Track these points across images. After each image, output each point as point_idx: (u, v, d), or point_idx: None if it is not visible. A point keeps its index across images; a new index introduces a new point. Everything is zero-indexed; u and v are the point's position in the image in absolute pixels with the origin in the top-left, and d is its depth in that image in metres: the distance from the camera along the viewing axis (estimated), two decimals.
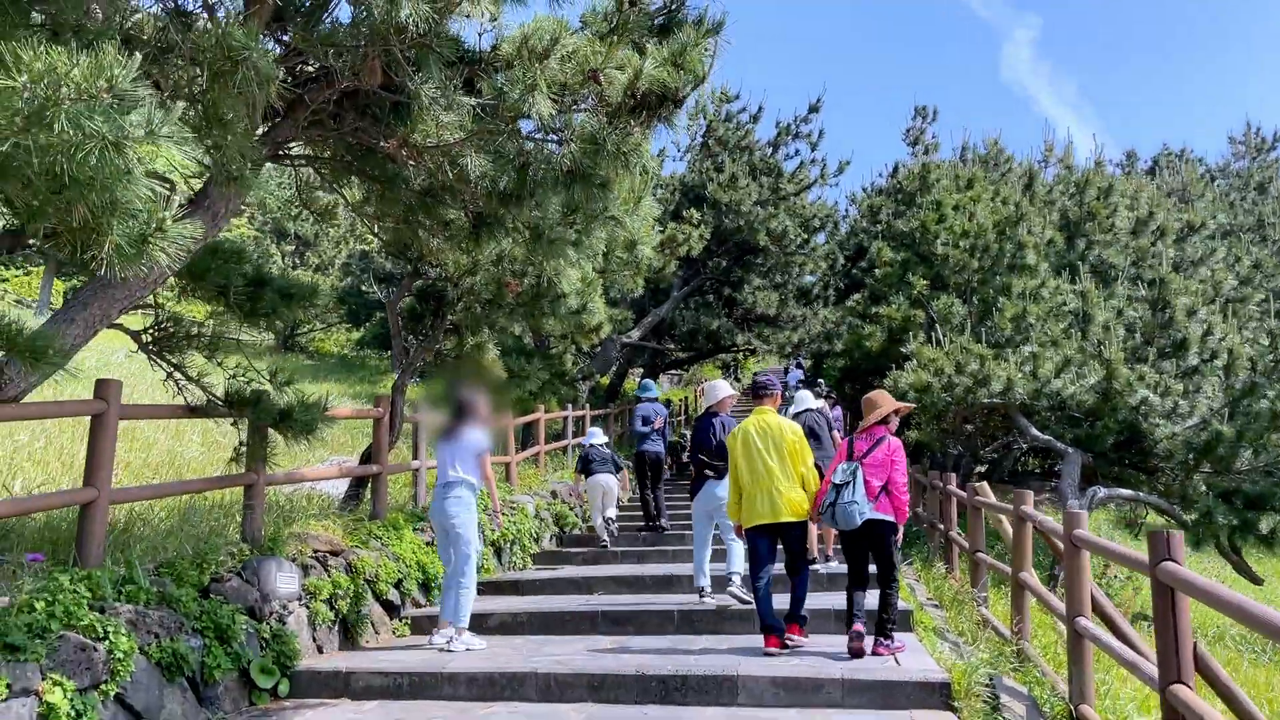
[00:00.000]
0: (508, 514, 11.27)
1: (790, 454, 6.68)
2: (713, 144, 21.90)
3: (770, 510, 6.60)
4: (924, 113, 22.38)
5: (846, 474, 6.40)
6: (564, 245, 5.84)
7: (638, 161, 4.90)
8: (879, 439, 6.52)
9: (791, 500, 6.58)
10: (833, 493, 6.38)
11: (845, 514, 6.28)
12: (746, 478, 6.72)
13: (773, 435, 6.72)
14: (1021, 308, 13.77)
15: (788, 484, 6.61)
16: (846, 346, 17.53)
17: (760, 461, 6.66)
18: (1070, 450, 11.38)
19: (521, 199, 5.29)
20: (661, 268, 17.90)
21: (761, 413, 6.95)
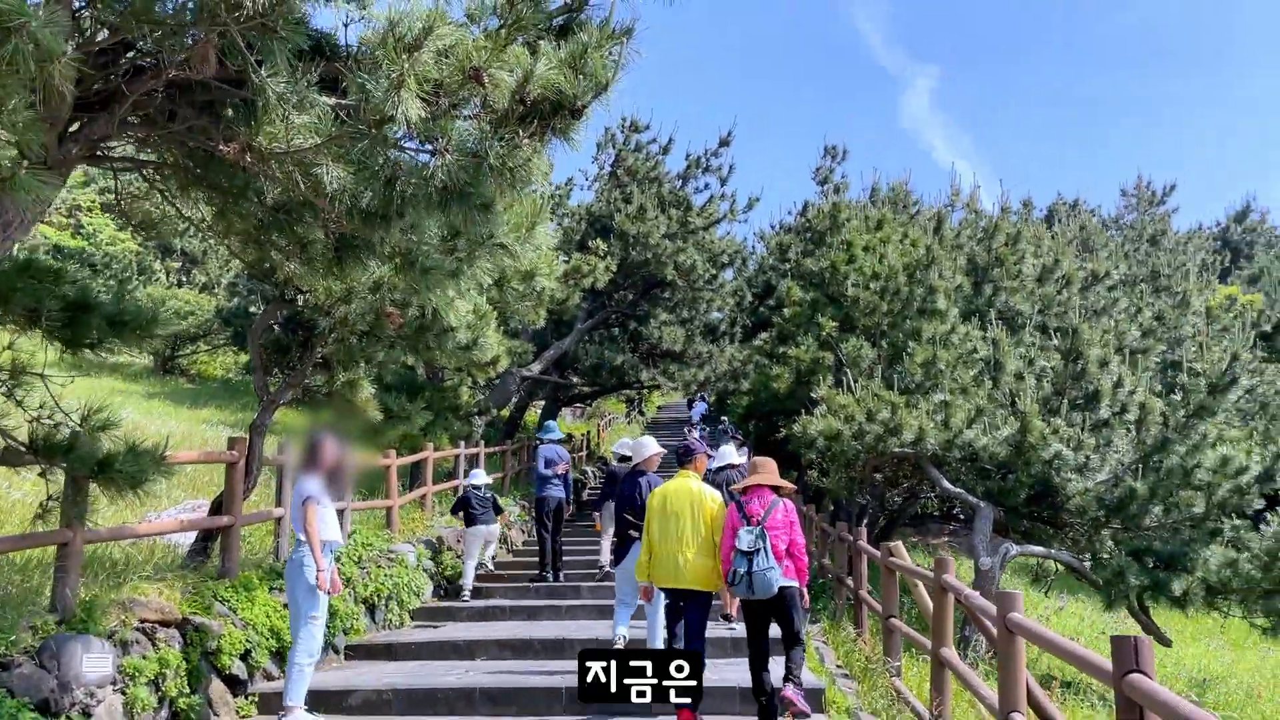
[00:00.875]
0: (384, 566, 10.25)
1: (707, 522, 6.60)
2: (621, 174, 21.29)
3: (674, 575, 6.56)
4: (833, 152, 22.22)
5: (754, 540, 6.19)
6: (442, 276, 5.01)
7: (526, 181, 4.12)
8: (772, 501, 6.39)
9: (698, 567, 6.50)
10: (743, 560, 6.15)
11: (764, 582, 6.09)
12: (658, 538, 6.65)
13: (692, 500, 6.66)
14: (932, 353, 13.39)
15: (696, 551, 6.53)
16: (753, 386, 17.00)
17: (674, 525, 6.59)
18: (982, 504, 10.94)
19: (389, 219, 4.45)
20: (565, 299, 17.12)
21: (685, 476, 6.88)
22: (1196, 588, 10.13)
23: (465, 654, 9.00)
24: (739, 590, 6.22)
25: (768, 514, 6.29)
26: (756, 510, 6.33)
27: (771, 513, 6.31)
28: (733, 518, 6.38)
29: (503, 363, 14.92)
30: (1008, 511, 11.26)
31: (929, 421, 11.22)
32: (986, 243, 16.23)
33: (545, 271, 8.86)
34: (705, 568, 6.51)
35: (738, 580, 6.13)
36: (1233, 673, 12.52)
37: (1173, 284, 22.18)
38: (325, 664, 8.53)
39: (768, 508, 6.33)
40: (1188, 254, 27.14)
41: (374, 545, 10.42)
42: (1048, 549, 11.25)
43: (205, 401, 24.39)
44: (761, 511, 6.31)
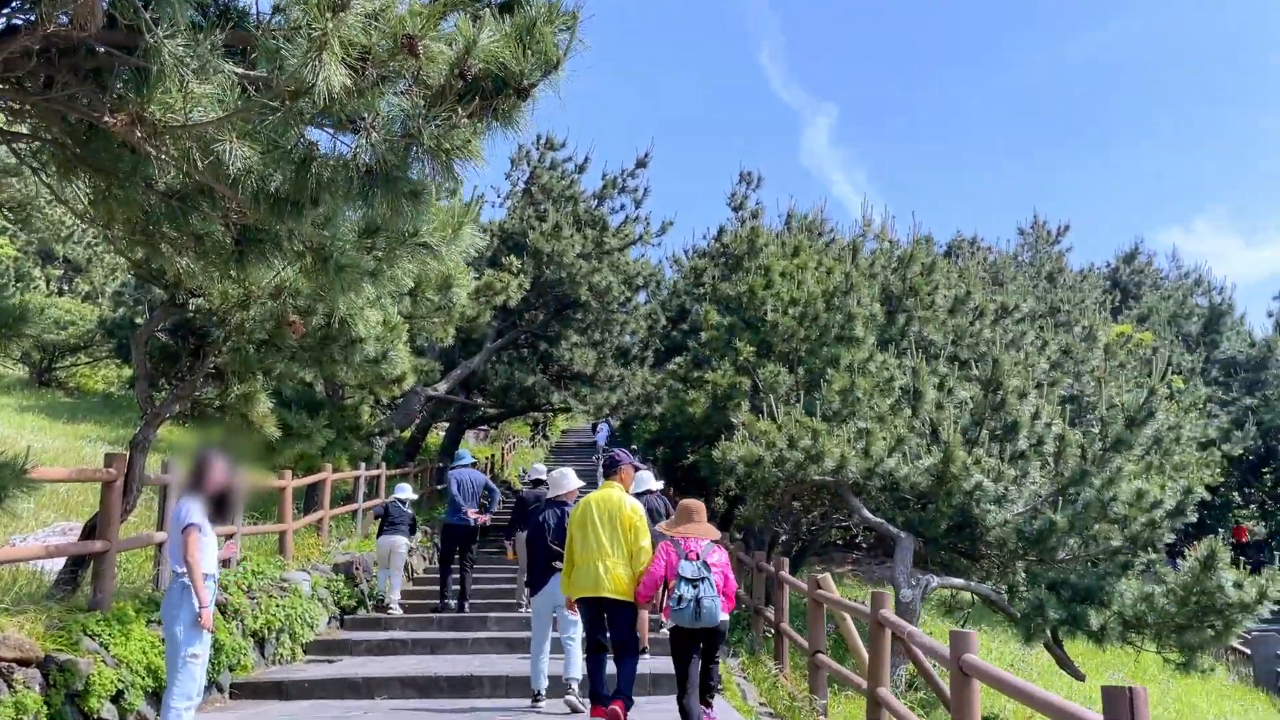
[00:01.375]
0: (276, 595, 9.49)
1: (625, 530, 6.60)
2: (536, 191, 20.83)
3: (594, 584, 6.50)
4: (748, 178, 22.16)
5: (698, 569, 6.23)
6: (358, 275, 4.49)
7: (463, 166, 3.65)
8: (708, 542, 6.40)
9: (618, 577, 6.50)
10: (689, 588, 6.16)
11: (710, 611, 6.14)
12: (579, 549, 6.63)
13: (611, 509, 6.66)
14: (850, 381, 13.25)
15: (616, 560, 6.53)
16: (667, 411, 16.66)
17: (593, 534, 6.59)
18: (903, 535, 10.76)
19: (301, 207, 3.92)
20: (476, 316, 16.53)
21: (608, 487, 6.89)
22: (1113, 621, 10.10)
23: (363, 693, 8.34)
24: (683, 617, 6.16)
25: (706, 552, 6.33)
26: (696, 548, 6.33)
27: (710, 552, 6.36)
28: (668, 552, 6.33)
29: (409, 381, 14.26)
30: (927, 543, 11.11)
31: (850, 449, 11.02)
32: (901, 272, 16.27)
33: (461, 281, 8.34)
34: (626, 577, 6.50)
35: (684, 606, 6.12)
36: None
37: (1071, 319, 22.71)
38: (208, 705, 7.78)
39: (705, 547, 6.36)
40: (1084, 291, 27.96)
41: (265, 573, 9.66)
42: (966, 581, 11.13)
43: (84, 416, 22.97)
44: (700, 549, 6.33)
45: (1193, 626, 10.19)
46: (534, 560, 7.76)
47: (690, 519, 6.55)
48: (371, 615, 11.84)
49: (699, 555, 6.27)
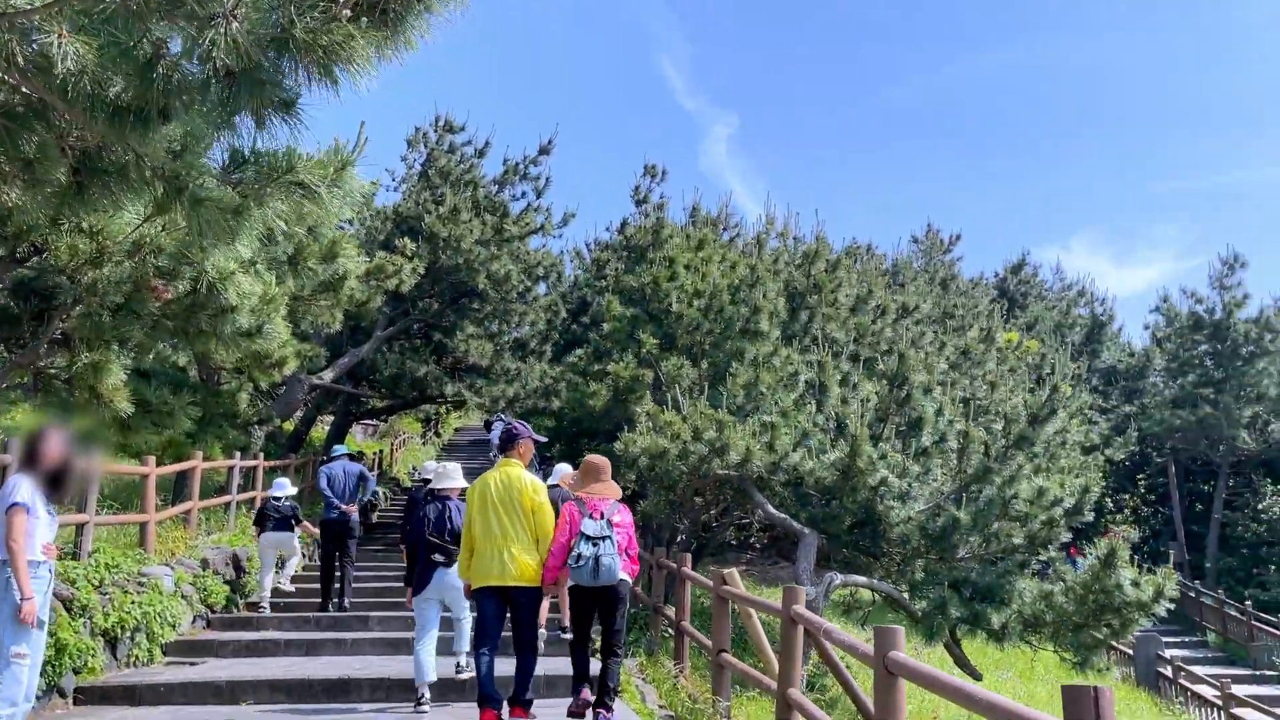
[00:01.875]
0: (133, 592, 8.61)
1: (529, 513, 6.23)
2: (433, 175, 20.01)
3: (499, 572, 6.12)
4: (653, 171, 21.77)
5: (601, 528, 6.10)
6: (220, 214, 3.84)
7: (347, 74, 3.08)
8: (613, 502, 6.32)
9: (524, 564, 6.14)
10: (589, 545, 6.02)
11: (609, 568, 6.00)
12: (479, 534, 6.22)
13: (514, 491, 6.25)
14: (754, 374, 12.98)
15: (521, 546, 6.16)
16: (567, 405, 16.12)
17: (495, 518, 6.18)
18: (807, 531, 10.48)
19: (148, 120, 3.30)
20: (366, 301, 15.68)
21: (507, 465, 6.43)
22: (1014, 621, 10.01)
23: (227, 697, 7.57)
24: (582, 575, 6.02)
25: (610, 512, 6.22)
26: (600, 507, 6.22)
27: (614, 511, 6.24)
28: (572, 514, 6.18)
29: (290, 365, 13.39)
30: (830, 539, 10.86)
31: (755, 443, 10.69)
32: (806, 268, 16.11)
33: (348, 252, 7.67)
34: (531, 562, 6.17)
35: (582, 564, 5.97)
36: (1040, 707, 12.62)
37: (965, 324, 23.03)
38: (47, 710, 6.93)
39: (610, 506, 6.26)
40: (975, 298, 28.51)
41: (121, 567, 8.76)
42: (870, 579, 10.92)
43: None
44: (605, 509, 6.21)
45: (1089, 625, 10.19)
46: (415, 557, 7.45)
47: (597, 477, 6.41)
48: (242, 614, 10.98)
49: (603, 515, 6.16)
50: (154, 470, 10.21)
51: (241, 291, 6.66)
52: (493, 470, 6.44)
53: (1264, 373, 26.98)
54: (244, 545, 12.43)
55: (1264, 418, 27.31)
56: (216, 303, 6.85)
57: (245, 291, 6.71)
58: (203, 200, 3.71)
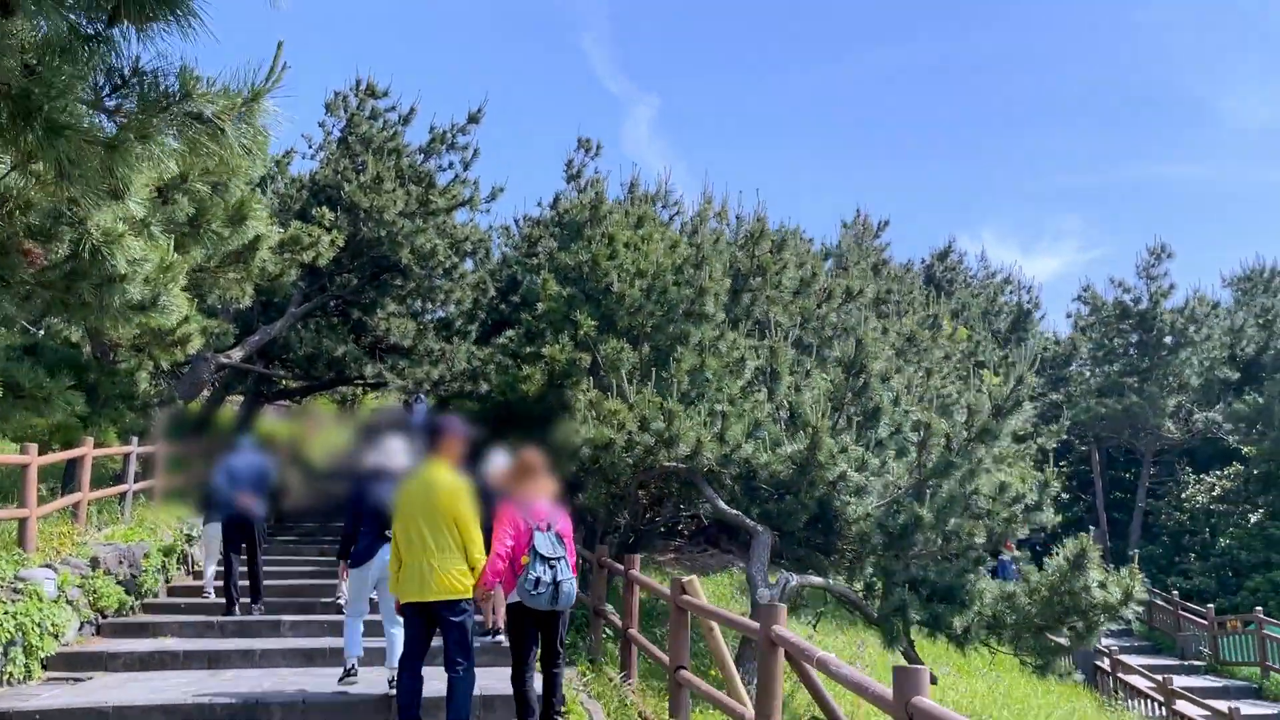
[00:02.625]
0: (5, 600, 7.51)
1: (448, 518, 5.67)
2: (354, 142, 18.77)
3: (419, 586, 5.65)
4: (587, 145, 20.84)
5: (555, 546, 5.76)
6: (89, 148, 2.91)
7: None
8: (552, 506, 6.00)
9: (445, 576, 5.63)
10: (546, 568, 5.65)
11: (568, 594, 5.79)
12: (403, 545, 5.75)
13: (434, 496, 5.71)
14: (700, 360, 12.28)
15: (443, 555, 5.64)
16: (498, 388, 15.20)
17: (414, 526, 5.68)
18: (760, 529, 9.82)
19: None
20: (279, 274, 14.51)
21: (431, 465, 5.90)
22: (977, 623, 9.52)
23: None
24: (540, 601, 5.65)
25: (554, 519, 5.88)
26: (543, 514, 5.82)
27: (557, 518, 5.92)
28: (515, 519, 5.75)
29: (195, 343, 12.26)
30: (783, 537, 10.22)
31: (705, 433, 9.98)
32: (749, 248, 15.44)
33: (257, 214, 6.69)
34: (454, 572, 5.66)
35: (541, 590, 5.61)
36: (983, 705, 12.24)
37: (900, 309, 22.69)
38: None
39: (552, 513, 5.90)
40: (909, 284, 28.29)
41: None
42: (826, 580, 10.32)
43: None
44: (549, 517, 5.84)
45: (1052, 628, 9.75)
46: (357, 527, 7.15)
47: (532, 475, 6.00)
48: (137, 620, 9.88)
49: (549, 524, 5.80)
50: (35, 459, 9.04)
51: (131, 257, 5.65)
52: (421, 472, 5.93)
53: (1187, 363, 27.37)
54: (142, 540, 11.28)
55: (1187, 407, 27.76)
56: (102, 270, 5.82)
57: (136, 257, 5.69)
58: (64, 128, 2.77)
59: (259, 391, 21.64)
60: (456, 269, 18.69)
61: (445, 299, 18.92)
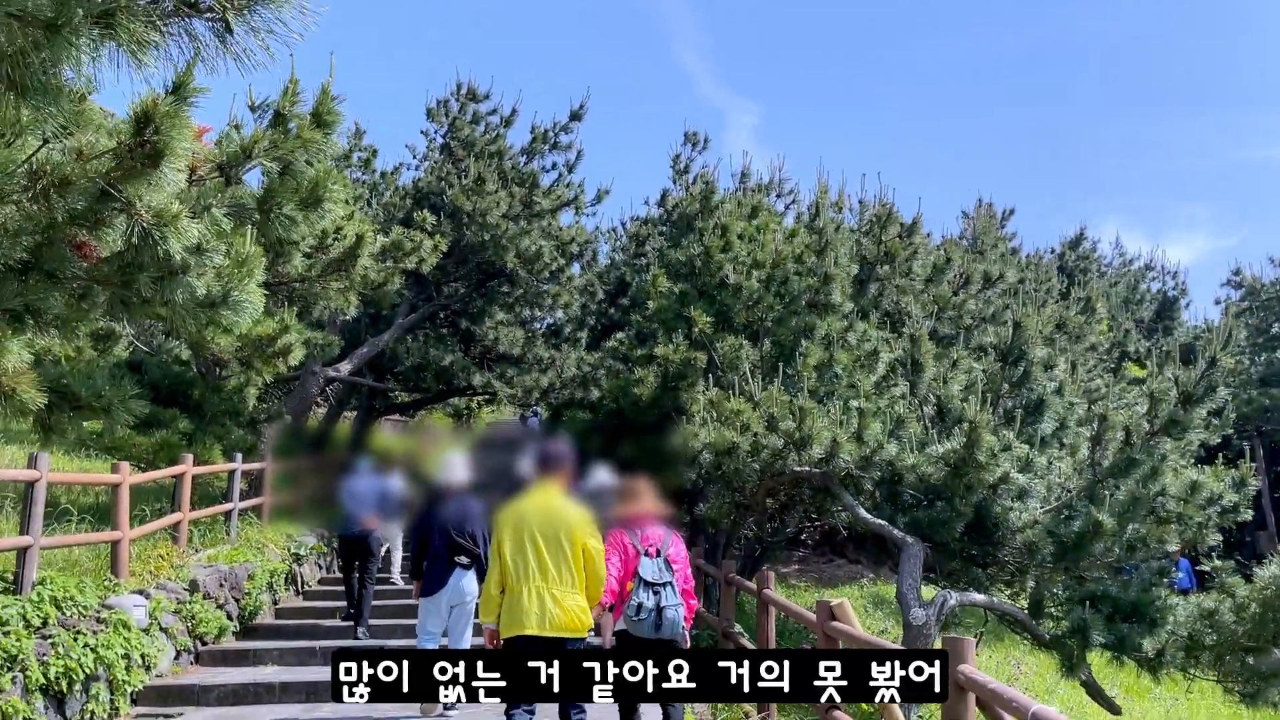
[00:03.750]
0: (89, 631, 6.95)
1: (575, 549, 5.28)
2: (456, 147, 18.27)
3: (539, 618, 5.16)
4: (694, 140, 19.84)
5: (660, 572, 5.52)
6: None
7: None
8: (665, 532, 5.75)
9: (570, 611, 5.21)
10: (650, 594, 5.44)
11: (672, 622, 5.46)
12: (513, 571, 5.28)
13: (555, 522, 5.30)
14: (827, 354, 11.14)
15: (565, 588, 5.24)
16: (609, 393, 14.35)
17: (534, 553, 5.25)
18: (910, 540, 8.63)
19: None
20: (382, 282, 14.00)
21: (546, 491, 5.47)
22: (1172, 645, 8.13)
23: None
24: (643, 629, 5.43)
25: (665, 545, 5.62)
26: (653, 539, 5.59)
27: (669, 544, 5.65)
28: (623, 543, 5.55)
29: (296, 354, 11.78)
30: (935, 548, 9.01)
31: (842, 433, 8.86)
32: (876, 234, 14.20)
33: (336, 194, 5.96)
34: (576, 607, 5.26)
35: (643, 616, 5.40)
36: None
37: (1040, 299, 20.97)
38: None
39: (664, 538, 5.65)
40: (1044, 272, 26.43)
41: (75, 599, 7.10)
42: (989, 598, 9.05)
43: None
44: (659, 542, 5.61)
45: (1263, 649, 8.28)
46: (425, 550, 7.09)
47: (638, 500, 5.75)
48: (238, 646, 9.35)
49: (659, 550, 5.59)
50: (126, 478, 8.56)
51: (188, 243, 4.93)
52: (530, 496, 5.44)
53: None
54: (246, 561, 10.79)
55: None
56: (159, 260, 5.12)
57: (193, 243, 4.98)
58: None
59: (371, 406, 21.36)
60: (563, 272, 17.97)
61: (553, 304, 18.21)
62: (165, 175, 4.34)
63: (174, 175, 4.37)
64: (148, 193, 4.81)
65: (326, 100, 5.94)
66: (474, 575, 6.88)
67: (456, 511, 6.97)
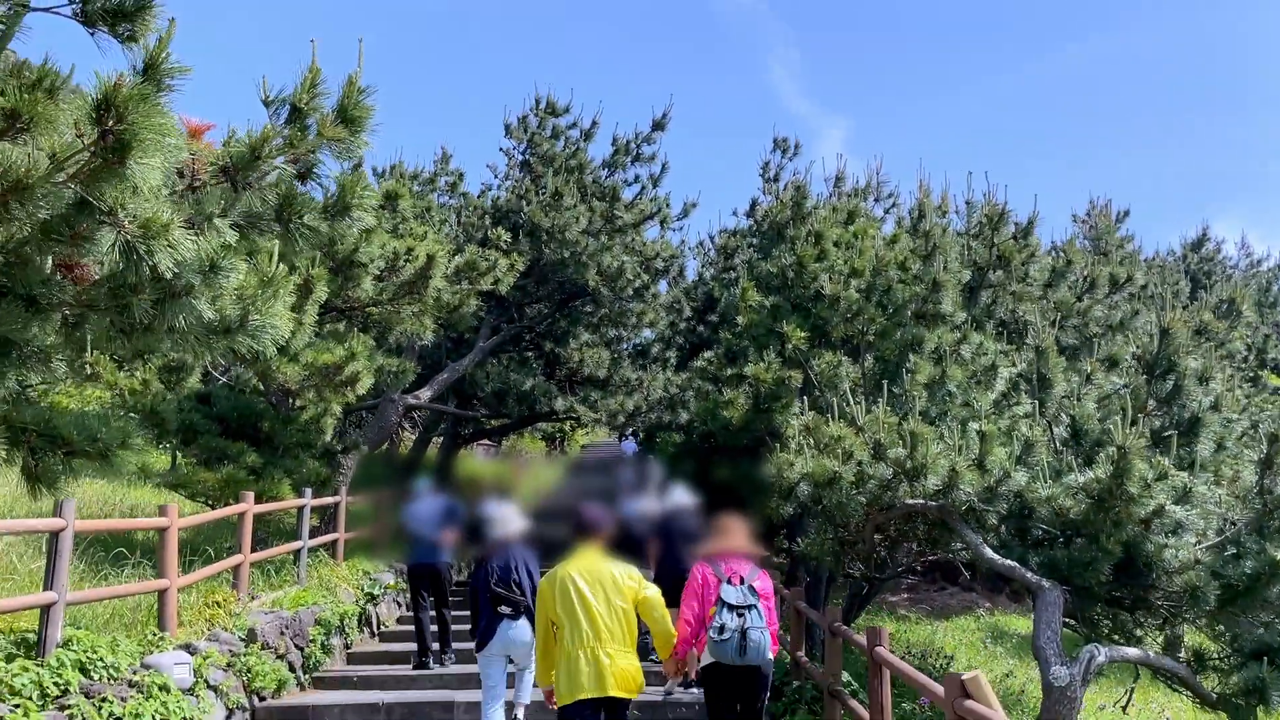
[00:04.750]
0: (120, 697, 6.27)
1: (626, 605, 5.20)
2: (535, 162, 17.62)
3: (595, 680, 5.07)
4: (784, 146, 18.79)
5: (744, 596, 5.44)
6: None
7: None
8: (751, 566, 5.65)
9: (624, 670, 5.12)
10: (733, 616, 5.35)
11: (757, 645, 5.36)
12: (567, 636, 5.18)
13: (605, 580, 5.25)
14: (940, 370, 9.97)
15: (619, 647, 5.14)
16: (698, 416, 13.37)
17: (584, 614, 5.13)
18: (1046, 584, 7.40)
19: None
20: (458, 305, 13.34)
21: (588, 552, 5.40)
22: None
23: None
24: (725, 651, 5.39)
25: (751, 576, 5.57)
26: (738, 569, 5.57)
27: (755, 576, 5.59)
28: (706, 576, 5.56)
29: (364, 383, 11.17)
30: (1076, 592, 7.75)
31: (962, 460, 7.70)
32: (987, 236, 12.92)
33: (366, 203, 5.16)
34: (635, 668, 5.21)
35: (727, 636, 5.36)
36: None
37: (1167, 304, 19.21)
38: None
39: (750, 571, 5.61)
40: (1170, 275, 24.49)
41: (105, 660, 6.44)
42: (1144, 653, 7.74)
43: None
44: (744, 572, 5.57)
45: None
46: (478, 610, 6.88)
47: (729, 537, 5.74)
48: (297, 701, 8.63)
49: (743, 579, 5.53)
50: (175, 521, 7.92)
51: (182, 256, 4.16)
52: (577, 559, 5.34)
53: None
54: (315, 604, 10.14)
55: None
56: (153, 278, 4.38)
57: (188, 257, 4.21)
58: None
59: (457, 432, 20.80)
60: (648, 289, 17.08)
61: (638, 322, 17.34)
62: (134, 172, 3.57)
63: (147, 173, 3.61)
64: (132, 200, 4.08)
65: (353, 93, 5.13)
66: (524, 623, 6.68)
67: (501, 560, 6.84)
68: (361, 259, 11.84)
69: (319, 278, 10.84)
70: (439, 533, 9.87)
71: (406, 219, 13.48)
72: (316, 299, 10.96)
